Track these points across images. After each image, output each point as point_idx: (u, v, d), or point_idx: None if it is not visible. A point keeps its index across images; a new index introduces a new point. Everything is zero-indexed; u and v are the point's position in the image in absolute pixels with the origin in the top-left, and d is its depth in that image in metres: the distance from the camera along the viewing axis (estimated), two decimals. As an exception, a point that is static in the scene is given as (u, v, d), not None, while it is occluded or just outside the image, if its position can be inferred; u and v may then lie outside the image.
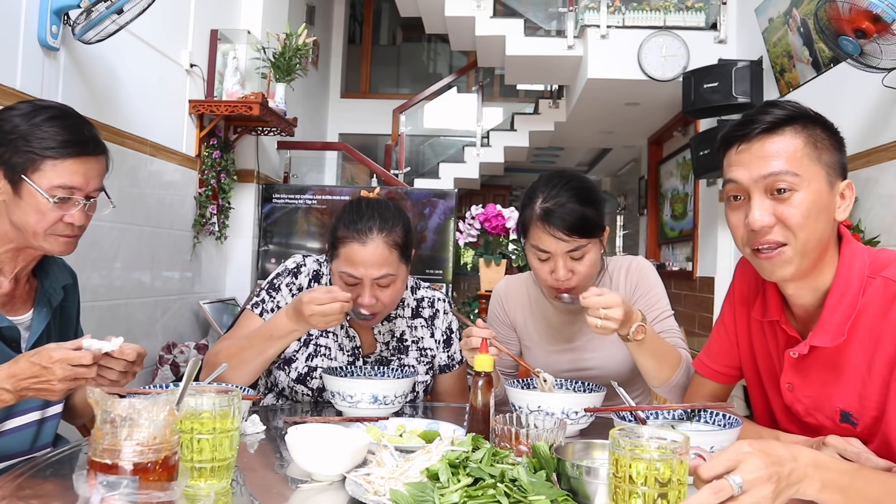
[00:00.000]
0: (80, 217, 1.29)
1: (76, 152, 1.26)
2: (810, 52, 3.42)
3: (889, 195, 2.73)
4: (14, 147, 1.23)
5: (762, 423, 1.32)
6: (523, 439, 1.06)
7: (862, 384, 1.11)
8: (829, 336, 1.12)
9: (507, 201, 9.57)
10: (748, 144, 1.12)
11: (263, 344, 1.48)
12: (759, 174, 1.10)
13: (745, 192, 1.13)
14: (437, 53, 8.86)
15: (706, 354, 1.42)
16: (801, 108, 1.14)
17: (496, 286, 1.87)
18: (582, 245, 1.52)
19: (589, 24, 4.72)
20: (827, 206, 1.11)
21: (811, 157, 1.10)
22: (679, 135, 5.93)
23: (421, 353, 1.71)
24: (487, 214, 4.11)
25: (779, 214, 1.10)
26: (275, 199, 4.08)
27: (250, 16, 3.99)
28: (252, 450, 1.22)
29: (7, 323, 1.27)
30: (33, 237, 1.27)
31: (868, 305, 1.10)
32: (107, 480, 0.79)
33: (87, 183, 1.28)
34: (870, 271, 1.12)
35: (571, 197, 1.51)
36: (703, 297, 4.92)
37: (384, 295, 1.53)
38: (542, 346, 1.76)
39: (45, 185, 1.24)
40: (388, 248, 1.52)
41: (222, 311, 3.64)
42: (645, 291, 1.68)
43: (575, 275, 1.54)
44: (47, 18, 2.19)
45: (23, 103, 1.29)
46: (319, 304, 1.38)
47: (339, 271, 1.54)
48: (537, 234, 1.54)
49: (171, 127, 3.18)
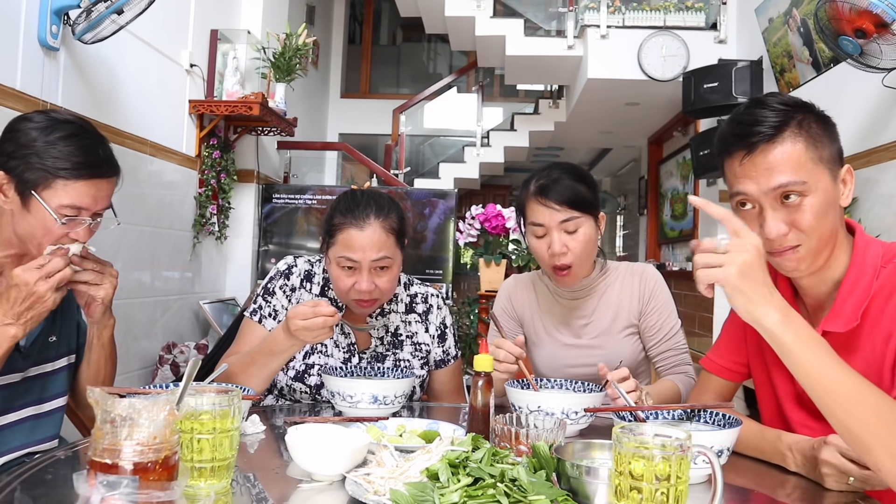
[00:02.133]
0: (84, 234, 1.30)
1: (89, 174, 1.26)
2: (810, 52, 3.42)
3: (889, 195, 2.73)
4: (28, 162, 1.23)
5: (769, 419, 1.33)
6: (523, 439, 1.06)
7: (876, 369, 1.12)
8: (842, 321, 1.14)
9: (507, 201, 9.57)
10: (751, 156, 1.13)
11: (265, 359, 1.50)
12: (768, 187, 1.12)
13: (755, 203, 1.15)
14: (437, 53, 8.86)
15: (714, 352, 1.44)
16: (790, 103, 1.15)
17: (505, 282, 1.89)
18: (575, 217, 1.58)
19: (589, 24, 4.72)
20: (834, 200, 1.14)
21: (814, 160, 1.12)
22: (679, 135, 5.93)
23: (416, 347, 1.72)
24: (487, 214, 4.11)
25: (791, 221, 1.12)
26: (275, 199, 4.08)
27: (250, 16, 3.99)
28: (252, 450, 1.22)
29: None
30: (37, 249, 1.28)
31: (880, 291, 1.13)
32: (107, 480, 0.79)
33: (95, 203, 1.29)
34: (883, 260, 1.15)
35: (564, 173, 1.61)
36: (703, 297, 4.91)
37: (382, 280, 1.55)
38: (549, 343, 1.77)
39: (54, 203, 1.24)
40: (386, 233, 1.54)
41: (222, 311, 3.64)
42: (658, 306, 1.71)
43: (570, 251, 1.59)
44: (47, 18, 2.19)
45: (39, 114, 1.28)
46: (303, 318, 1.39)
47: (337, 257, 1.55)
48: (532, 209, 1.61)
49: (171, 127, 3.18)
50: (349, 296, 1.56)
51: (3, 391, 1.30)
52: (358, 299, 1.56)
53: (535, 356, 1.80)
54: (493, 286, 4.14)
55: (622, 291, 1.72)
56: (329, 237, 1.58)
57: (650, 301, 1.71)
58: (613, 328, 1.71)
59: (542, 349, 1.78)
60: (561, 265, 1.60)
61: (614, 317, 1.71)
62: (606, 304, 1.72)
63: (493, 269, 4.14)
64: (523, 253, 4.13)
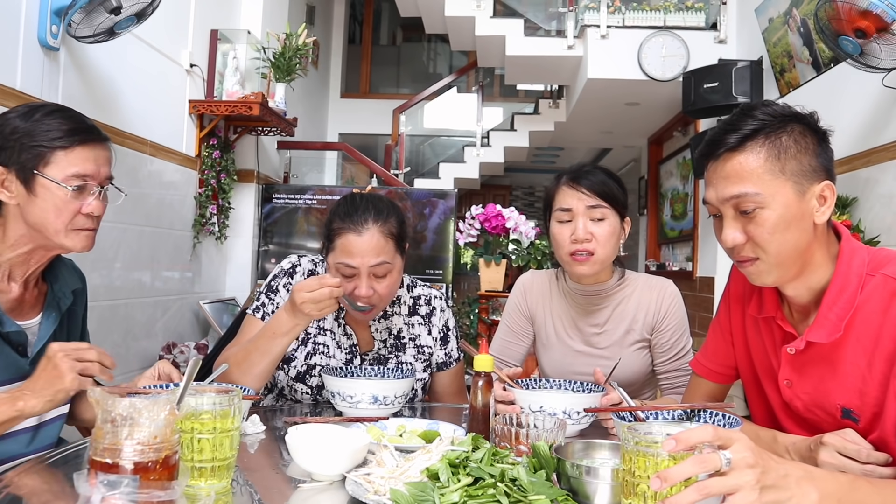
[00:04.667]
0: (98, 207, 1.29)
1: (83, 139, 1.26)
2: (810, 52, 3.42)
3: (889, 195, 2.73)
4: (20, 146, 1.23)
5: (760, 422, 1.32)
6: (523, 439, 1.06)
7: (862, 380, 1.11)
8: (825, 332, 1.12)
9: (507, 201, 9.58)
10: (715, 164, 1.15)
11: (268, 343, 1.49)
12: (723, 195, 1.13)
13: (718, 211, 1.16)
14: (437, 53, 8.85)
15: (703, 354, 1.43)
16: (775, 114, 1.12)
17: (520, 278, 1.87)
18: (602, 206, 1.59)
19: (589, 24, 4.72)
20: (798, 216, 1.10)
21: (773, 172, 1.09)
22: (679, 135, 5.93)
23: (418, 350, 1.71)
24: (487, 214, 4.11)
25: (748, 232, 1.12)
26: (275, 199, 4.08)
27: (250, 16, 3.99)
28: (252, 450, 1.22)
29: (15, 327, 1.26)
30: (55, 235, 1.26)
31: (866, 302, 1.11)
32: (107, 480, 0.79)
33: (98, 170, 1.28)
34: (869, 269, 1.12)
35: (597, 168, 1.66)
36: (703, 297, 4.92)
37: (381, 286, 1.54)
38: (558, 346, 1.75)
39: (59, 175, 1.23)
40: (384, 238, 1.54)
41: (222, 311, 3.64)
42: (671, 325, 1.69)
43: (595, 238, 1.58)
44: (47, 18, 2.19)
45: (16, 107, 1.29)
46: (309, 290, 1.40)
47: (336, 263, 1.55)
48: (561, 196, 1.63)
49: (171, 127, 3.18)
50: (349, 300, 1.56)
51: None
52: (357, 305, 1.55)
53: (544, 358, 1.78)
54: (493, 286, 4.15)
55: (639, 305, 1.69)
56: (328, 242, 1.58)
57: (665, 319, 1.68)
58: (625, 340, 1.69)
59: (552, 352, 1.76)
60: (582, 250, 1.58)
61: (627, 329, 1.69)
62: (620, 315, 1.69)
63: (493, 269, 4.14)
64: (523, 253, 4.13)
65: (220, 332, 3.32)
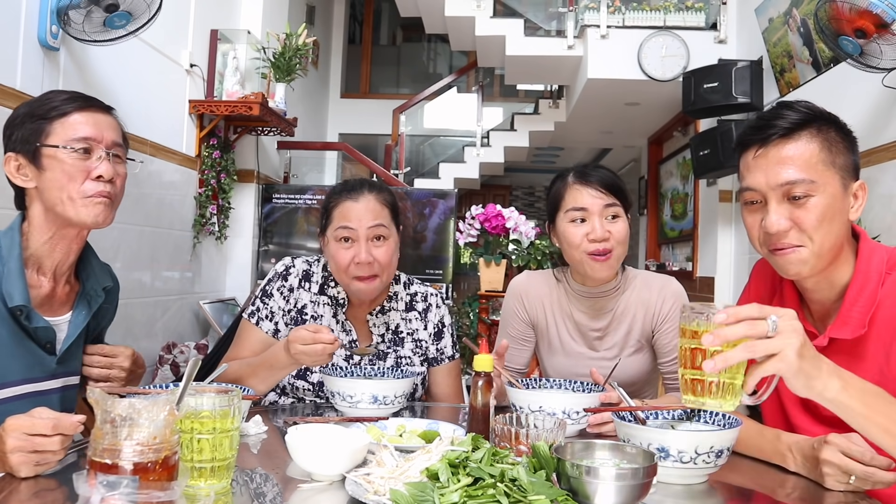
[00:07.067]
0: (108, 169, 1.27)
1: (80, 106, 1.28)
2: (810, 52, 3.42)
3: (889, 195, 2.73)
4: (21, 126, 1.26)
5: (770, 421, 1.32)
6: (523, 439, 1.06)
7: (881, 375, 1.12)
8: (849, 328, 1.15)
9: (507, 201, 9.57)
10: (765, 150, 1.15)
11: (266, 373, 1.52)
12: (776, 182, 1.13)
13: (762, 198, 1.16)
14: (437, 53, 8.85)
15: None
16: (815, 109, 1.17)
17: (513, 282, 1.81)
18: (616, 204, 1.59)
19: (589, 24, 4.72)
20: (841, 209, 1.14)
21: (826, 163, 1.13)
22: (679, 135, 5.93)
23: (416, 344, 1.73)
24: (487, 214, 4.11)
25: (795, 218, 1.13)
26: (275, 199, 4.08)
27: (250, 16, 3.99)
28: (252, 450, 1.22)
29: (43, 323, 1.25)
30: (69, 205, 1.25)
31: (886, 298, 1.14)
32: (107, 480, 0.79)
33: (101, 133, 1.28)
34: (887, 267, 1.16)
35: (600, 168, 1.65)
36: (703, 297, 4.92)
37: (379, 252, 1.58)
38: (563, 352, 1.73)
39: (60, 141, 1.25)
40: (380, 205, 1.61)
41: (222, 311, 3.64)
42: (673, 327, 1.65)
43: (612, 237, 1.58)
44: (47, 18, 2.19)
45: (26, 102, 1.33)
46: (303, 343, 1.40)
47: (335, 230, 1.59)
48: (573, 195, 1.61)
49: (170, 127, 3.18)
50: (349, 272, 1.57)
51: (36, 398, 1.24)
52: (358, 276, 1.57)
53: (548, 363, 1.76)
54: (493, 286, 4.15)
55: (638, 304, 1.67)
56: (326, 217, 1.63)
57: (665, 321, 1.66)
58: (626, 342, 1.68)
59: (557, 357, 1.74)
60: (603, 250, 1.57)
61: (628, 330, 1.68)
62: (622, 316, 1.68)
63: (493, 268, 4.14)
64: (523, 253, 4.13)
65: (220, 332, 3.32)
